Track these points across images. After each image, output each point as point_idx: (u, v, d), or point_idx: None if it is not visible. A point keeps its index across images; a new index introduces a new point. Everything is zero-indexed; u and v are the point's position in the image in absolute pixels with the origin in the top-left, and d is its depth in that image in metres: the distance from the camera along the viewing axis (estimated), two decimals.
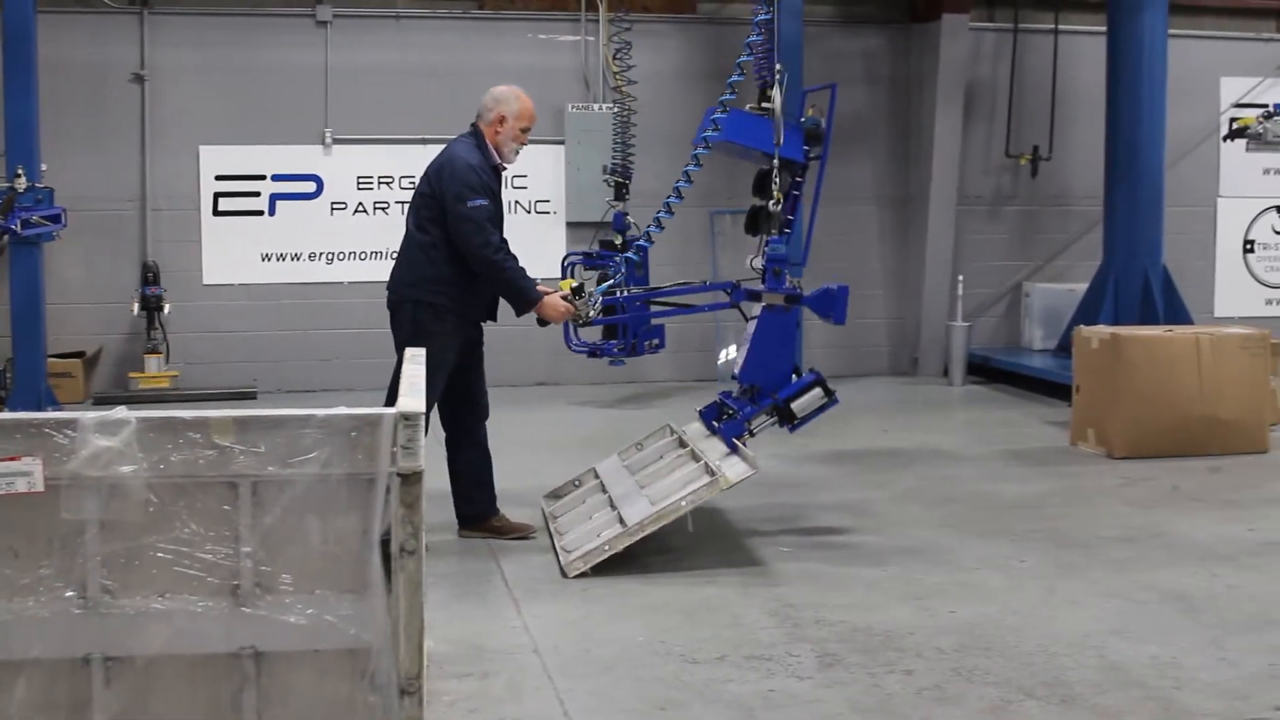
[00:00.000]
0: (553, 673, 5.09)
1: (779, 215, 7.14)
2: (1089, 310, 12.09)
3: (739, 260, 9.11)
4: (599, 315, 7.16)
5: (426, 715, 3.73)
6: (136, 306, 11.85)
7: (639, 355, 10.56)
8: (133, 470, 3.50)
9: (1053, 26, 13.78)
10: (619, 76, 11.84)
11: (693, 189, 7.26)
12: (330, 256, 12.64)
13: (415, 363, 4.69)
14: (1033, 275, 14.06)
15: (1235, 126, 12.26)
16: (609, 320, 7.49)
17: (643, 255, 9.18)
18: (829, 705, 4.76)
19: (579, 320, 7.13)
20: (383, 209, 12.69)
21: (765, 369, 7.11)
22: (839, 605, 5.91)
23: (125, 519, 3.53)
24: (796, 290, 7.09)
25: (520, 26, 12.95)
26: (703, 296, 7.88)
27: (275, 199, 12.55)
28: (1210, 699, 4.80)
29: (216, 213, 12.43)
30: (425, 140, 12.35)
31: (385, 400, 6.55)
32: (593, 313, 7.05)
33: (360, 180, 12.67)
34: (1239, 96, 14.23)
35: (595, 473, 7.60)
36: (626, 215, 11.13)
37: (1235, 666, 5.14)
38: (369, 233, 12.63)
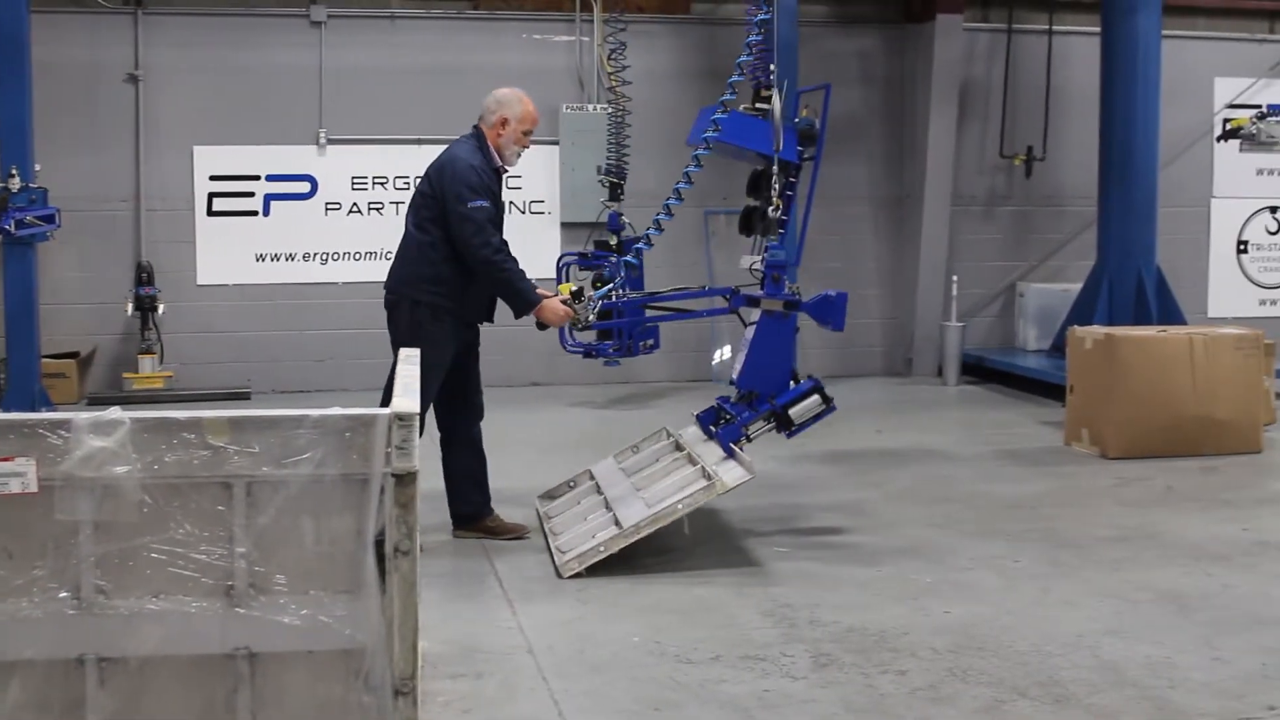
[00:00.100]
0: (547, 673, 5.09)
1: (777, 220, 7.15)
2: (1083, 310, 12.10)
3: (733, 260, 9.12)
4: (597, 319, 7.17)
5: (421, 715, 3.73)
6: (130, 307, 11.83)
7: (634, 356, 10.55)
8: (127, 471, 3.49)
9: (1047, 27, 13.79)
10: (613, 77, 11.84)
11: (688, 189, 7.27)
12: (325, 257, 12.63)
13: (410, 363, 4.68)
14: (1027, 275, 14.07)
15: (1229, 127, 12.30)
16: (607, 325, 7.49)
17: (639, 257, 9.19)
18: (824, 705, 4.77)
19: (578, 325, 7.14)
20: (377, 209, 12.68)
21: (763, 374, 7.11)
22: (834, 605, 5.91)
23: (119, 519, 3.52)
24: (795, 296, 7.10)
25: (515, 27, 12.94)
26: (701, 301, 7.88)
27: (269, 199, 12.54)
28: (1204, 698, 4.81)
29: (211, 213, 12.42)
30: (420, 141, 12.38)
31: (381, 401, 6.54)
32: (591, 317, 7.06)
33: (355, 181, 12.66)
34: (1233, 97, 14.26)
35: (591, 474, 7.60)
36: (621, 215, 11.13)
37: (1229, 666, 5.15)
38: (363, 233, 12.62)
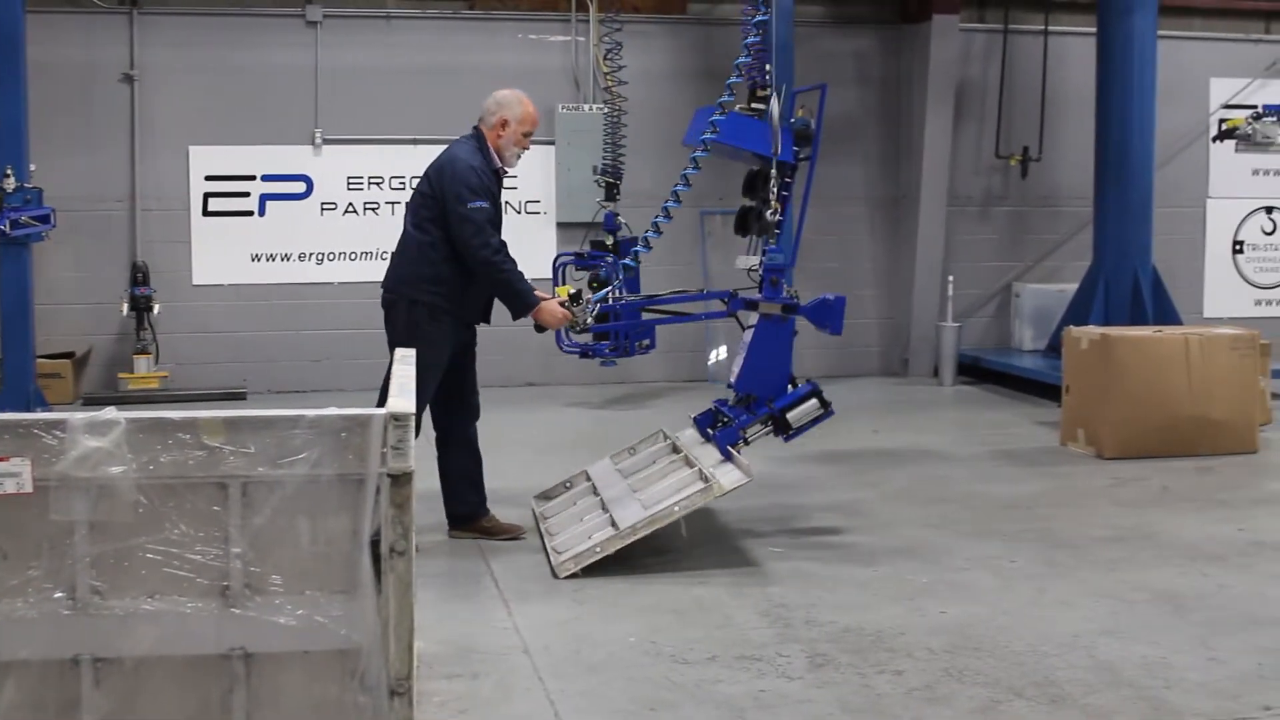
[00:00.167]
0: (543, 673, 5.09)
1: (775, 223, 7.15)
2: (1079, 311, 12.12)
3: (729, 261, 9.11)
4: (595, 322, 7.17)
5: (416, 716, 3.73)
6: (126, 307, 11.82)
7: (630, 356, 10.58)
8: (122, 471, 3.49)
9: (1043, 27, 13.80)
10: (609, 77, 11.84)
11: (685, 191, 7.26)
12: (320, 257, 12.62)
13: (406, 363, 4.68)
14: (1023, 276, 14.08)
15: (1224, 127, 12.31)
16: (605, 327, 7.50)
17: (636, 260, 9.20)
18: (819, 705, 4.77)
19: (575, 327, 7.14)
20: (373, 209, 12.68)
21: (762, 378, 7.11)
22: (830, 605, 5.91)
23: (114, 520, 3.51)
24: (794, 300, 7.10)
25: (510, 27, 12.94)
26: (699, 304, 7.88)
27: (265, 199, 12.53)
28: (1200, 699, 4.81)
29: (206, 213, 12.41)
30: (415, 141, 12.38)
31: (378, 401, 6.53)
32: (589, 320, 7.06)
33: (350, 180, 12.65)
34: (1228, 97, 14.28)
35: (587, 475, 7.60)
36: (617, 216, 11.13)
37: (1225, 666, 5.15)
38: (359, 233, 12.62)
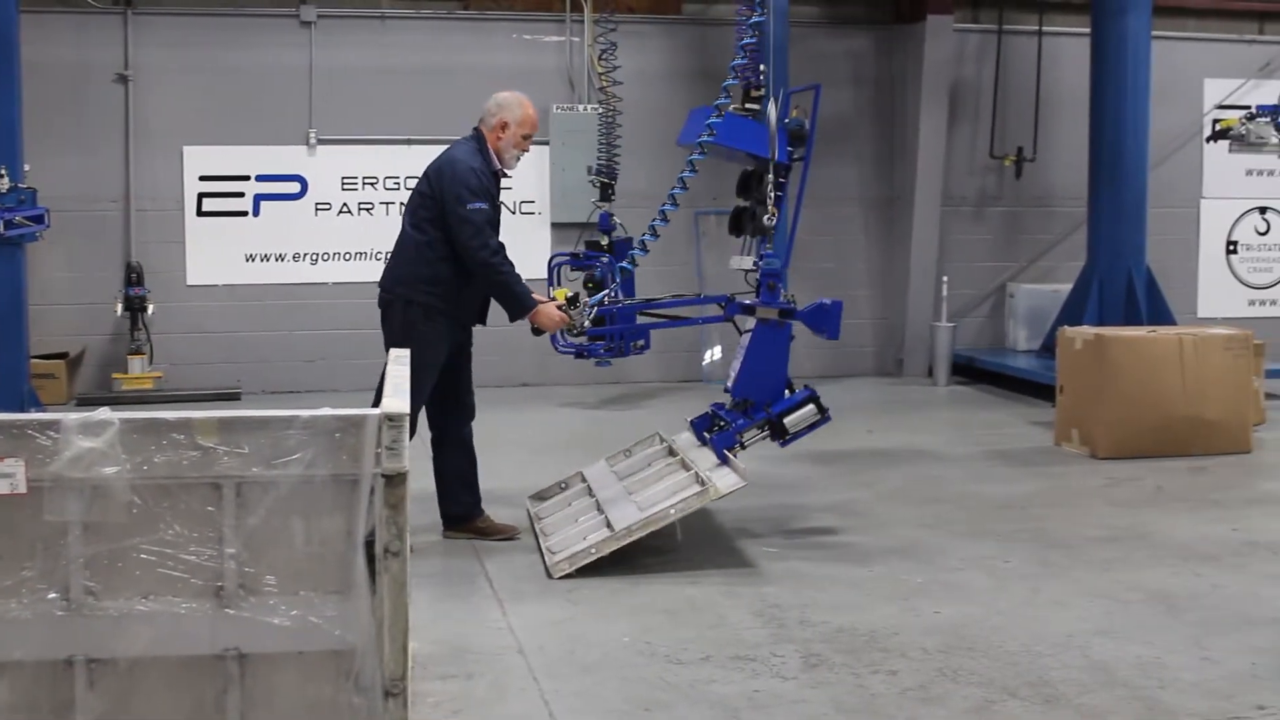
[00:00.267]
0: (537, 673, 5.09)
1: (771, 227, 7.16)
2: (1073, 311, 12.13)
3: (723, 261, 9.11)
4: (592, 325, 7.17)
5: (411, 716, 3.72)
6: (120, 307, 11.81)
7: (625, 356, 10.57)
8: (116, 472, 3.49)
9: (1037, 28, 13.81)
10: (604, 77, 11.84)
11: (682, 194, 7.26)
12: (315, 257, 12.61)
13: (400, 364, 4.68)
14: (1017, 276, 14.09)
15: (1218, 128, 12.30)
16: (602, 330, 7.50)
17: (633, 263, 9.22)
18: (814, 705, 4.77)
19: (572, 330, 7.14)
20: (367, 210, 12.67)
21: (759, 382, 7.11)
22: (824, 605, 5.91)
23: (108, 520, 3.51)
24: (791, 304, 7.11)
25: (505, 27, 12.94)
26: (696, 308, 7.89)
27: (259, 200, 12.52)
28: (1194, 698, 4.82)
29: (200, 213, 12.40)
30: (410, 141, 12.38)
31: (373, 401, 6.53)
32: (586, 323, 7.06)
33: (345, 181, 12.64)
34: (1222, 98, 14.28)
35: (582, 476, 7.60)
36: (612, 216, 11.13)
37: (1218, 666, 5.16)
38: (353, 233, 12.61)
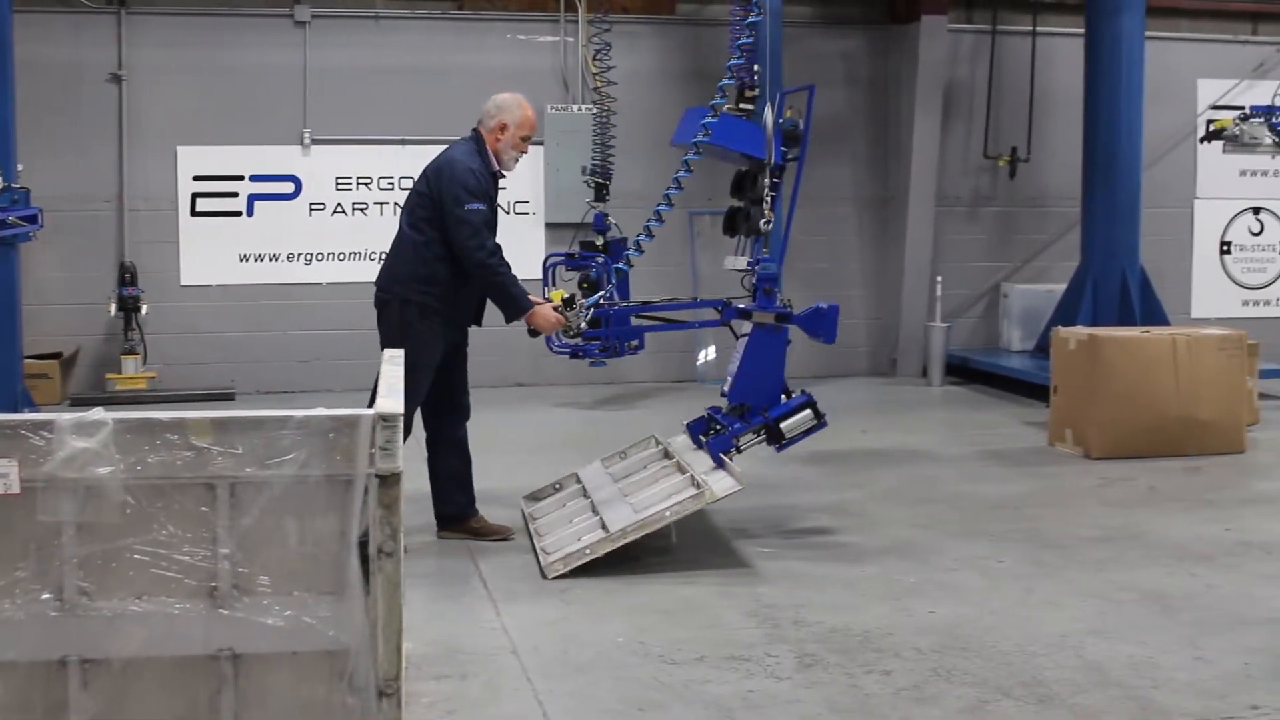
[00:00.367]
0: (531, 674, 5.09)
1: (768, 230, 7.16)
2: (1067, 311, 12.14)
3: (718, 261, 9.12)
4: (588, 327, 7.17)
5: (405, 717, 3.72)
6: (114, 307, 11.79)
7: (620, 356, 10.58)
8: (110, 472, 3.48)
9: (1030, 28, 13.82)
10: (598, 77, 11.83)
11: (678, 194, 7.26)
12: (309, 257, 12.61)
13: (393, 364, 4.68)
14: (1011, 276, 14.11)
15: (1212, 128, 12.33)
16: (598, 333, 7.51)
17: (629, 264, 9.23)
18: (808, 706, 4.77)
19: (569, 332, 7.14)
20: (361, 210, 12.66)
21: (755, 387, 7.12)
22: (818, 605, 5.92)
23: (102, 521, 3.51)
24: (787, 309, 7.12)
25: (499, 27, 12.93)
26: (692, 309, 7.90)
27: (253, 200, 12.51)
28: (1187, 698, 4.83)
29: (194, 213, 12.38)
30: (404, 141, 12.38)
31: (369, 401, 6.53)
32: (583, 324, 7.06)
33: (339, 181, 12.63)
34: (1216, 98, 14.31)
35: (577, 478, 7.60)
36: (607, 216, 11.13)
37: (1212, 666, 5.17)
38: (348, 233, 12.60)
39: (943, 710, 4.72)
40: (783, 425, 7.08)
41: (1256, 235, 14.81)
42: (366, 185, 12.67)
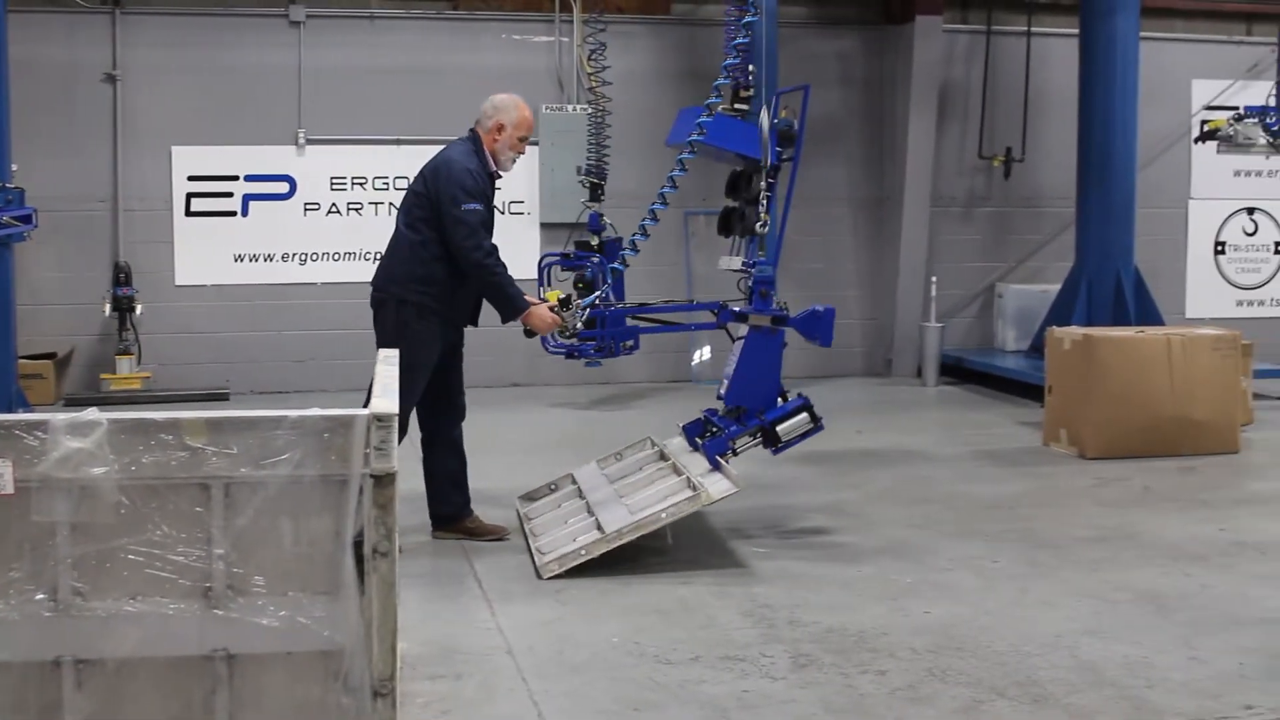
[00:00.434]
0: (526, 674, 5.09)
1: (763, 233, 7.16)
2: (1061, 311, 12.16)
3: (712, 262, 9.12)
4: (584, 327, 7.17)
5: (400, 717, 3.72)
6: (108, 307, 11.78)
7: (615, 356, 10.58)
8: (104, 472, 3.48)
9: (1025, 29, 13.84)
10: (593, 77, 11.84)
11: (672, 193, 7.26)
12: (303, 257, 12.60)
13: (388, 364, 4.67)
14: (1006, 276, 14.12)
15: (1206, 129, 12.35)
16: (594, 333, 7.51)
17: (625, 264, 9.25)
18: (803, 705, 4.77)
19: (565, 332, 7.14)
20: (356, 210, 12.66)
21: (752, 390, 7.12)
22: (814, 605, 5.92)
23: (96, 521, 3.50)
24: (783, 311, 7.12)
25: (494, 27, 12.93)
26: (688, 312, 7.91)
27: (248, 200, 12.50)
28: (1182, 698, 4.83)
29: (189, 213, 12.38)
30: (399, 141, 12.37)
31: (364, 402, 6.52)
32: (579, 325, 7.06)
33: (334, 181, 12.63)
34: (1210, 99, 14.33)
35: (573, 478, 7.60)
36: (602, 216, 11.13)
37: (1206, 666, 5.17)
38: (342, 234, 12.60)
39: (937, 710, 4.72)
40: (779, 428, 7.08)
41: (1251, 235, 14.84)
42: (361, 185, 12.66)
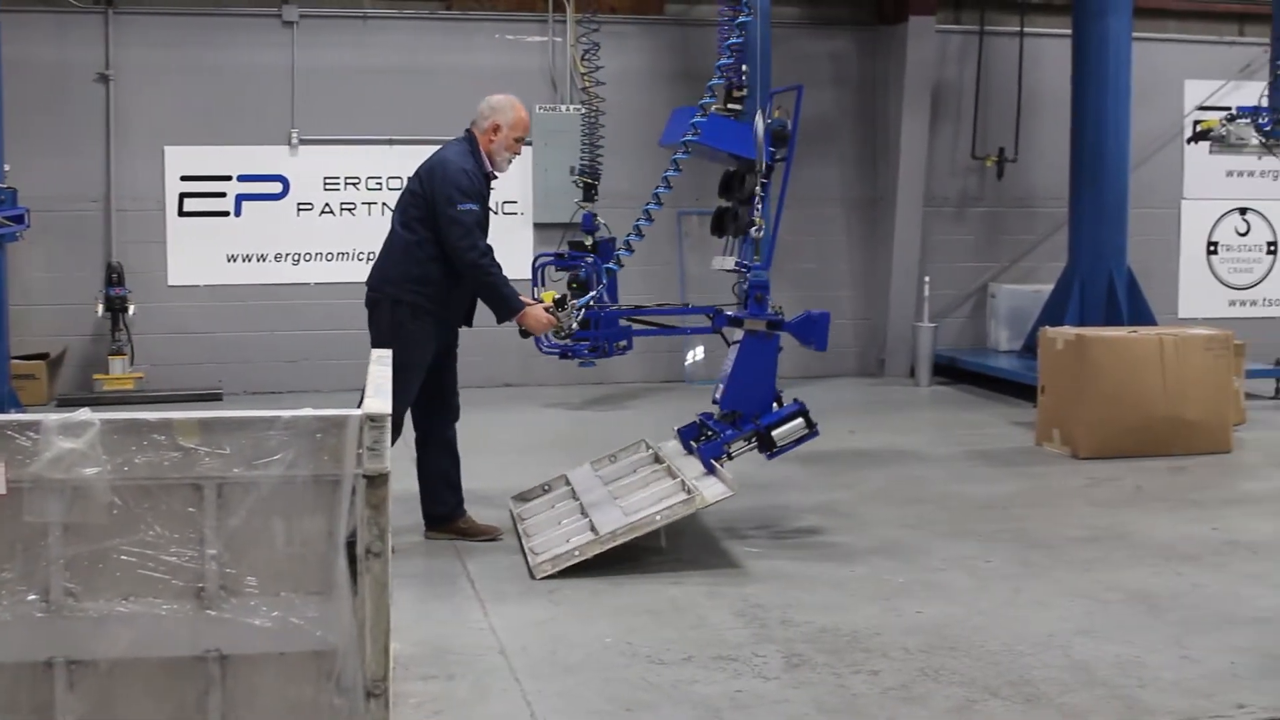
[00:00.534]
0: (519, 674, 5.09)
1: (759, 237, 7.17)
2: (1054, 311, 12.16)
3: (706, 262, 9.13)
4: (579, 328, 7.17)
5: (393, 717, 3.72)
6: (101, 308, 11.75)
7: (609, 356, 10.58)
8: (96, 472, 3.48)
9: (1018, 29, 13.84)
10: (586, 77, 11.84)
11: (666, 194, 7.26)
12: (296, 258, 12.58)
13: (381, 364, 4.67)
14: (998, 276, 14.12)
15: (1199, 129, 12.36)
16: (589, 334, 7.51)
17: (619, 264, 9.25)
18: (795, 705, 4.78)
19: (560, 333, 7.14)
20: (349, 210, 12.64)
21: (747, 394, 7.12)
22: (806, 605, 5.92)
23: (89, 521, 3.50)
24: (778, 316, 7.12)
25: (487, 27, 12.91)
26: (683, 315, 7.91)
27: (241, 200, 12.48)
28: (1173, 697, 4.84)
29: (182, 213, 12.35)
30: (392, 141, 12.36)
31: (359, 402, 6.52)
32: (574, 325, 7.06)
33: (327, 181, 12.61)
34: (1202, 99, 14.33)
35: (566, 479, 7.60)
36: (595, 216, 11.13)
37: (1198, 665, 5.18)
38: (335, 234, 12.58)
39: (930, 710, 4.73)
40: (774, 433, 7.09)
41: (1243, 235, 14.86)
42: (354, 185, 12.65)
